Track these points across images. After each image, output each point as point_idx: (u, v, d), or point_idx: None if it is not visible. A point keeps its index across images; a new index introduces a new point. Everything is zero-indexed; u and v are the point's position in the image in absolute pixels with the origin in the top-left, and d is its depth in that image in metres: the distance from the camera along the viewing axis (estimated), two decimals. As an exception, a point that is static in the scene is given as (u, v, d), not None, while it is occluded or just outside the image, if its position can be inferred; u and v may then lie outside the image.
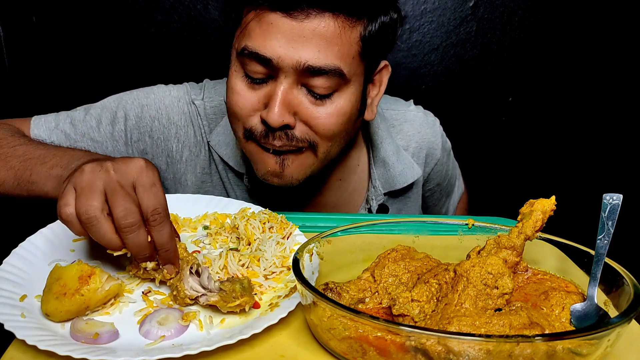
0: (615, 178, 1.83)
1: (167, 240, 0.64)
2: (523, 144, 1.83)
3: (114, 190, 0.62)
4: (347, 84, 0.86)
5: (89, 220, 0.61)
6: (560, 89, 1.77)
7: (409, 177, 1.09)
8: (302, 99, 0.84)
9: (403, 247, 0.73)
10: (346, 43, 0.82)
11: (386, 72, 0.96)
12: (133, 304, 0.65)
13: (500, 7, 1.68)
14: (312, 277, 0.67)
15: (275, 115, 0.82)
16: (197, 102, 1.02)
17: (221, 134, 1.02)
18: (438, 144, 1.16)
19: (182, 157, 1.03)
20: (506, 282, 0.60)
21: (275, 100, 0.82)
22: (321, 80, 0.82)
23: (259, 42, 0.81)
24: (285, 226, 0.81)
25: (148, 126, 1.01)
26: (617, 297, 0.62)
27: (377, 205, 1.09)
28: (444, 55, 1.72)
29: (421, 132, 1.13)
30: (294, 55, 0.80)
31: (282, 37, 0.80)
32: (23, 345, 0.56)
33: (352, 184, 1.10)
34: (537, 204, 0.68)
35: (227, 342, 0.57)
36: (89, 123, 1.01)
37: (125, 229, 0.62)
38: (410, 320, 0.60)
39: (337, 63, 0.82)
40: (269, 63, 0.81)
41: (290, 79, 0.82)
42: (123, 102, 1.01)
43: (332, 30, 0.80)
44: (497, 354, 0.50)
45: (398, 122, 1.12)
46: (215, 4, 1.65)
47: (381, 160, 1.07)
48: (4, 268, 0.67)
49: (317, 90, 0.83)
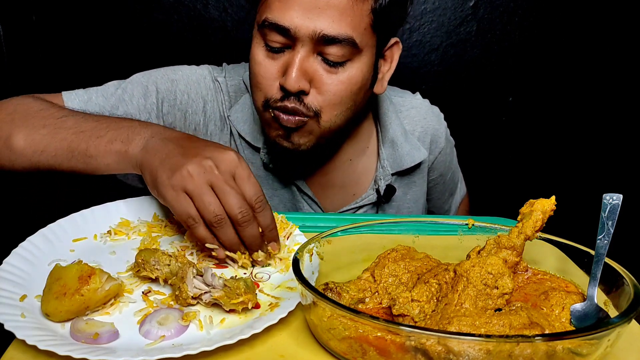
0: (615, 178, 1.83)
1: (270, 221, 0.74)
2: (523, 144, 1.83)
3: (224, 190, 0.71)
4: (360, 54, 0.92)
5: (219, 221, 0.70)
6: (560, 89, 1.77)
7: (416, 157, 1.14)
8: (317, 66, 0.90)
9: (403, 247, 0.73)
10: (358, 14, 0.88)
11: (397, 49, 1.02)
12: (133, 304, 0.65)
13: (500, 7, 1.68)
14: (312, 277, 0.67)
15: (292, 80, 0.88)
16: (219, 79, 1.09)
17: (239, 111, 1.08)
18: (442, 132, 1.21)
19: (208, 130, 1.08)
20: (506, 282, 0.60)
21: (293, 66, 0.89)
22: (335, 48, 0.88)
23: (278, 13, 0.88)
24: (285, 226, 0.81)
25: (178, 99, 1.05)
26: (617, 297, 0.62)
27: (385, 185, 1.12)
28: (444, 55, 1.72)
29: (427, 118, 1.19)
30: (310, 25, 0.86)
31: (299, 8, 0.86)
32: (23, 345, 0.56)
33: (362, 164, 1.14)
34: (537, 204, 0.68)
35: (227, 342, 0.57)
36: (121, 96, 1.04)
37: (243, 224, 0.71)
38: (410, 320, 0.60)
39: (350, 32, 0.88)
40: (287, 32, 0.88)
41: (307, 47, 0.89)
42: (153, 77, 1.06)
43: (345, 3, 0.87)
44: (497, 354, 0.50)
45: (405, 108, 1.18)
46: (215, 4, 1.65)
47: (390, 140, 1.12)
48: (4, 268, 0.67)
49: (331, 57, 0.89)
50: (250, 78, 0.97)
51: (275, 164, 1.08)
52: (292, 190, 1.10)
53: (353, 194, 1.14)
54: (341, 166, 1.12)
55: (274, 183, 1.10)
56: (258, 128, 1.06)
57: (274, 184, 1.10)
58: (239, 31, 1.66)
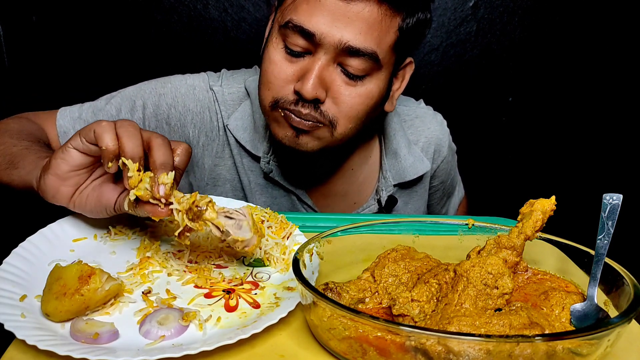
0: (615, 178, 1.83)
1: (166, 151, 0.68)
2: (523, 144, 1.83)
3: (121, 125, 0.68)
4: (379, 71, 0.91)
5: (123, 124, 0.67)
6: (560, 89, 1.77)
7: (420, 169, 1.13)
8: (336, 77, 0.89)
9: (403, 247, 0.73)
10: (385, 30, 0.87)
11: (410, 69, 1.02)
12: (133, 304, 0.65)
13: (500, 7, 1.68)
14: (312, 277, 0.67)
15: (309, 87, 0.87)
16: (215, 88, 1.07)
17: (239, 118, 1.06)
18: (445, 141, 1.19)
19: (199, 142, 1.07)
20: (506, 282, 0.60)
21: (312, 73, 0.87)
22: (357, 61, 0.87)
23: (305, 17, 0.86)
24: (285, 226, 0.81)
25: (165, 114, 1.05)
26: (617, 297, 0.62)
27: (387, 196, 1.11)
28: (444, 55, 1.72)
29: (430, 128, 1.17)
30: (337, 34, 0.85)
31: (327, 14, 0.85)
32: (23, 345, 0.56)
33: (364, 174, 1.13)
34: (537, 204, 0.68)
35: (227, 342, 0.57)
36: (110, 112, 1.05)
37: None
38: (410, 320, 0.60)
39: (374, 47, 0.87)
40: (311, 38, 0.86)
41: (329, 56, 0.87)
42: (142, 91, 1.06)
43: (375, 17, 0.85)
44: (497, 354, 0.50)
45: (409, 117, 1.17)
46: (215, 4, 1.65)
47: (393, 151, 1.11)
48: (4, 268, 0.67)
49: (352, 70, 0.88)
50: (260, 75, 0.95)
51: (276, 171, 1.07)
52: (291, 199, 1.10)
53: (354, 202, 1.14)
54: (343, 175, 1.11)
55: (273, 191, 1.09)
56: (259, 136, 1.05)
57: (273, 192, 1.09)
58: (239, 31, 1.66)
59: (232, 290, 0.69)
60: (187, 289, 0.69)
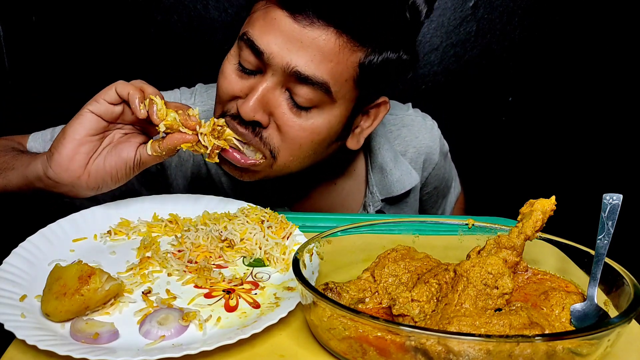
0: (615, 178, 1.83)
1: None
2: (523, 144, 1.84)
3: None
4: (332, 104, 0.84)
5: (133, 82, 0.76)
6: (560, 89, 1.77)
7: (407, 183, 1.08)
8: (282, 102, 0.83)
9: (403, 247, 0.73)
10: (342, 63, 0.81)
11: (384, 109, 0.94)
12: (133, 304, 0.65)
13: (500, 7, 1.68)
14: (312, 277, 0.67)
15: (248, 108, 0.82)
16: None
17: None
18: (436, 148, 1.15)
19: (172, 163, 1.04)
20: (506, 282, 0.60)
21: (254, 94, 0.82)
22: (305, 89, 0.81)
23: (257, 33, 0.82)
24: (285, 226, 0.81)
25: None
26: (617, 297, 0.62)
27: (375, 211, 1.09)
28: (444, 55, 1.72)
29: (419, 137, 1.12)
30: (286, 57, 0.80)
31: (280, 35, 0.80)
32: (23, 345, 0.56)
33: (347, 188, 1.09)
34: (537, 204, 0.68)
35: (227, 342, 0.57)
36: None
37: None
38: (410, 320, 0.60)
39: (327, 78, 0.81)
40: (260, 56, 0.81)
41: (277, 78, 0.82)
42: None
43: (332, 47, 0.79)
44: (497, 354, 0.50)
45: (396, 127, 1.11)
46: (215, 4, 1.65)
47: (379, 166, 1.07)
48: (4, 268, 0.67)
49: (298, 99, 0.82)
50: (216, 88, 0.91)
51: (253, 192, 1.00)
52: None
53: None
54: (324, 190, 1.07)
55: None
56: None
57: None
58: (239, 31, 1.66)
59: (232, 290, 0.69)
60: (187, 289, 0.69)
